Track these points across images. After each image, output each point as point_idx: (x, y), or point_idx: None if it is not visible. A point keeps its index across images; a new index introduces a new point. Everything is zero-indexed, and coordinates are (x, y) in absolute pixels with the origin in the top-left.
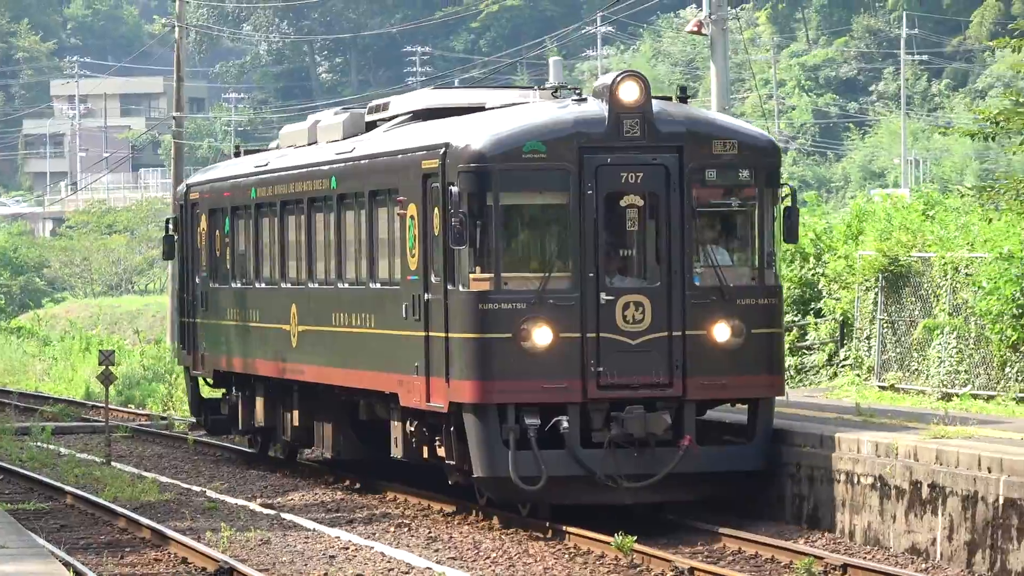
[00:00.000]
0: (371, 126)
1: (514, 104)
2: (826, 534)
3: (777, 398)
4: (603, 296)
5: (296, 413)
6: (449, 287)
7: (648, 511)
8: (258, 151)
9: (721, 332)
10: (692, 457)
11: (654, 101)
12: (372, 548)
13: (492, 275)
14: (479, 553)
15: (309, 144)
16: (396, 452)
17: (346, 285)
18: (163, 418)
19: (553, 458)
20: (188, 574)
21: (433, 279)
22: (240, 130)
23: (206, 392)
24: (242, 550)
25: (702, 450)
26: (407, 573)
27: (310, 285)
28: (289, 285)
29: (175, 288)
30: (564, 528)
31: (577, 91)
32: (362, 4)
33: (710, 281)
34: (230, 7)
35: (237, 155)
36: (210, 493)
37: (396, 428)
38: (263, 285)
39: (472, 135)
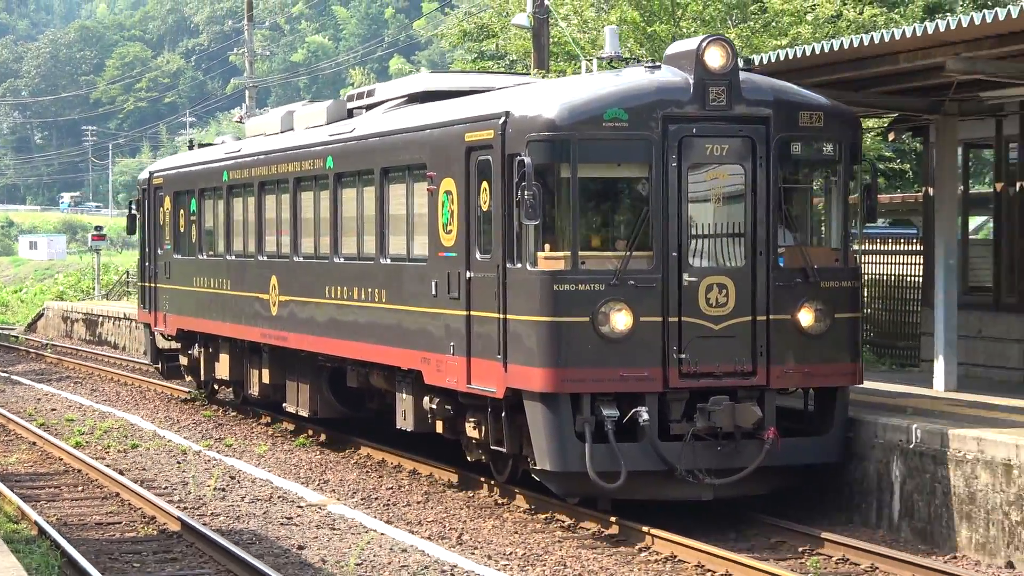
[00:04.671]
0: (350, 114)
1: (527, 84)
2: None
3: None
4: (686, 277)
5: (267, 371)
6: (509, 265)
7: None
8: (209, 145)
9: (806, 317)
10: (774, 449)
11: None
12: (60, 394)
13: (568, 254)
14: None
15: (283, 132)
16: (404, 425)
17: (342, 260)
18: None
19: (630, 452)
20: None
21: (478, 256)
22: None
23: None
24: None
25: (783, 442)
26: (80, 408)
27: (295, 259)
28: (266, 258)
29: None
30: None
31: (652, 61)
32: (63, 102)
33: (794, 262)
34: None
35: (191, 148)
36: None
37: (405, 401)
38: (234, 257)
39: (542, 103)
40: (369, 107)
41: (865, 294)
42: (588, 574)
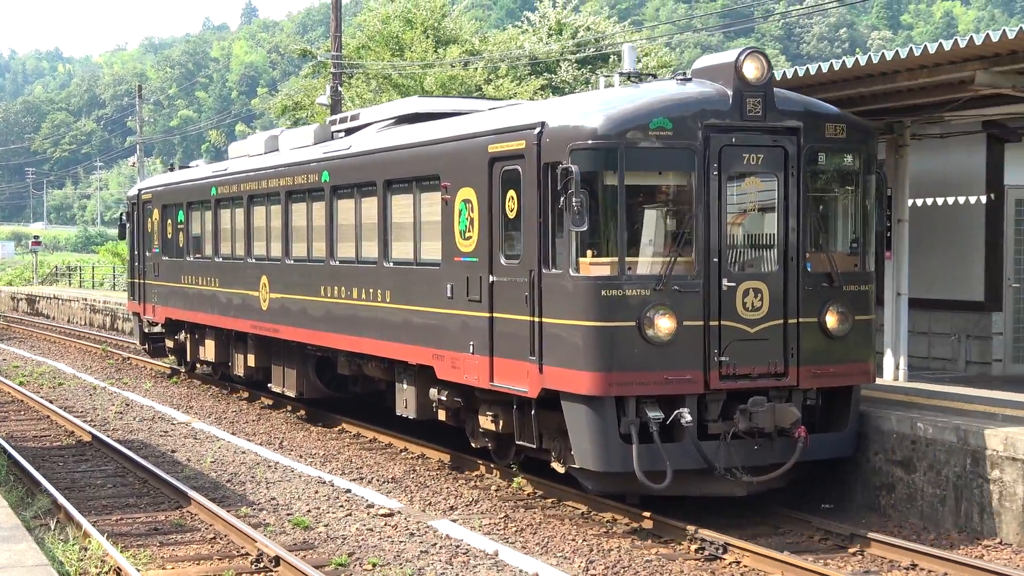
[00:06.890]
0: (332, 136)
1: (516, 102)
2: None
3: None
4: (725, 282)
5: (252, 356)
6: (544, 271)
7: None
8: (187, 167)
9: (831, 319)
10: (804, 447)
11: None
12: (9, 349)
13: (615, 260)
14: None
15: (267, 152)
16: (406, 412)
17: (337, 263)
18: None
19: (672, 451)
20: None
21: (503, 261)
22: None
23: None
24: None
25: (810, 439)
26: (22, 358)
27: (287, 261)
28: (255, 260)
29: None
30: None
31: (683, 73)
32: (11, 151)
33: (820, 267)
34: None
35: (171, 170)
36: None
37: (407, 391)
38: (221, 259)
39: (583, 113)
40: (350, 130)
41: None
42: (367, 467)
